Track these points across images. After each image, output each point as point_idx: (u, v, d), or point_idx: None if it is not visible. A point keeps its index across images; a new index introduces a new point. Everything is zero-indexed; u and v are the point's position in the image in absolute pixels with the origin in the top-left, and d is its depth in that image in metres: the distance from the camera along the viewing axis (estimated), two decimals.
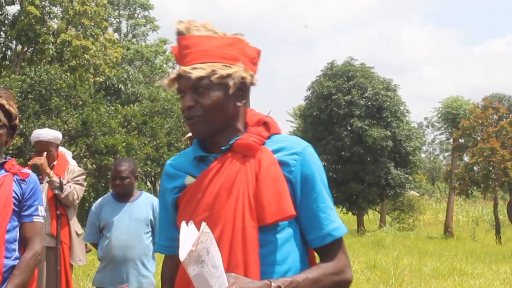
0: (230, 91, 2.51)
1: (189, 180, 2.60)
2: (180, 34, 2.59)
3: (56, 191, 6.88)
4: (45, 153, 6.98)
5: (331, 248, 2.55)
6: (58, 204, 6.97)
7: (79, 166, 7.57)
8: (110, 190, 6.83)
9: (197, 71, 2.48)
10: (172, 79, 2.58)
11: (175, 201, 2.65)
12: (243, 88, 2.58)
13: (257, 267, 2.40)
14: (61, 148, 7.41)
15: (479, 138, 31.03)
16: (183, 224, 2.26)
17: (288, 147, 2.55)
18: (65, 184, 6.95)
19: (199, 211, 2.50)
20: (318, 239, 2.53)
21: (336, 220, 2.56)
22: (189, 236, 2.19)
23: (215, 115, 2.51)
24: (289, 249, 2.49)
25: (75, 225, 7.20)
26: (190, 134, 4.27)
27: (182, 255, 2.14)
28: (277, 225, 2.46)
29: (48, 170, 6.87)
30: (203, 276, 2.16)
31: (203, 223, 2.19)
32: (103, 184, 22.85)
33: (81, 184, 7.17)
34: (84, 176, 7.32)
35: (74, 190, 6.99)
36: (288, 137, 2.64)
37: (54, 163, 7.09)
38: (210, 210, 2.48)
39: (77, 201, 7.09)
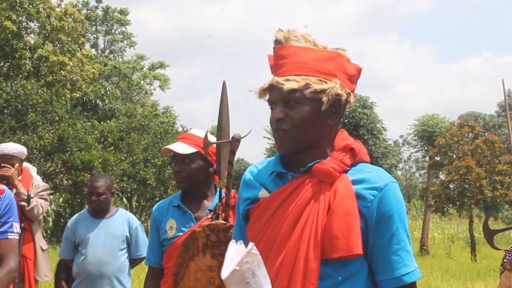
0: (322, 108, 2.40)
1: (262, 194, 2.51)
2: (278, 43, 2.50)
3: (23, 203, 6.82)
4: (16, 165, 6.93)
5: None
6: (23, 218, 6.91)
7: (55, 182, 7.51)
8: (86, 206, 6.79)
9: (290, 83, 2.37)
10: (264, 89, 2.48)
11: (246, 212, 2.56)
12: (337, 106, 2.47)
13: None
14: (25, 164, 7.35)
15: (454, 156, 31.15)
16: (231, 243, 2.19)
17: (370, 180, 2.42)
18: (31, 198, 6.90)
19: (267, 231, 2.42)
20: (387, 282, 2.40)
21: (410, 264, 2.42)
22: (236, 255, 2.11)
23: (304, 131, 2.40)
24: (352, 286, 2.37)
25: (40, 240, 7.14)
26: (169, 146, 4.22)
27: (224, 273, 2.07)
28: (342, 260, 2.34)
29: (16, 182, 6.81)
30: None
31: (251, 243, 2.12)
32: (79, 200, 22.79)
33: (45, 199, 7.11)
34: (48, 192, 7.27)
35: (40, 204, 6.94)
36: (374, 168, 2.52)
37: (19, 178, 7.03)
38: (277, 234, 2.39)
39: (42, 216, 7.04)
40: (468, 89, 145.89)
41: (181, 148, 4.11)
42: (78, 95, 27.88)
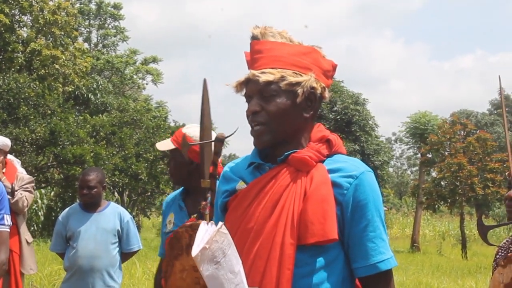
0: (297, 100, 2.43)
1: (240, 185, 2.54)
2: (254, 38, 2.53)
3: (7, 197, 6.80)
4: (0, 158, 6.90)
5: (376, 281, 2.45)
6: None
7: (47, 176, 7.47)
8: (78, 200, 6.77)
9: (265, 75, 2.41)
10: (240, 82, 2.50)
11: (224, 204, 2.59)
12: (312, 99, 2.49)
13: (289, 286, 2.32)
14: (9, 156, 7.32)
15: (446, 153, 31.22)
16: (203, 223, 2.20)
17: (346, 169, 2.45)
18: (16, 191, 6.87)
19: (245, 220, 2.44)
20: (362, 269, 2.42)
21: (385, 252, 2.45)
22: (206, 234, 2.13)
23: (280, 124, 2.43)
24: (327, 274, 2.39)
25: (25, 233, 7.11)
26: (156, 144, 4.21)
27: (195, 251, 2.10)
28: (318, 246, 2.36)
29: (0, 174, 6.80)
30: (218, 278, 2.11)
31: (220, 223, 2.14)
32: (70, 194, 22.72)
33: (30, 192, 7.09)
34: (33, 184, 7.25)
35: (24, 197, 6.92)
36: (350, 159, 2.54)
37: (3, 170, 7.00)
38: (255, 222, 2.41)
39: (26, 208, 7.02)
40: (460, 87, 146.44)
41: (162, 145, 4.13)
42: (70, 89, 27.84)
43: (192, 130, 4.10)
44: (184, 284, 3.61)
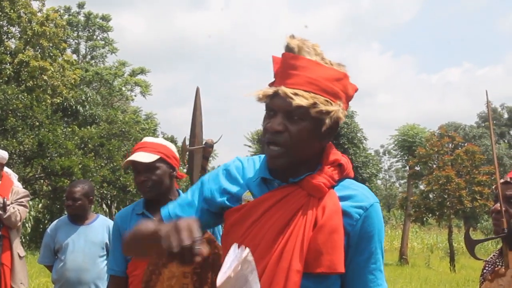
0: (323, 128, 2.37)
1: (247, 196, 2.47)
2: (290, 51, 2.42)
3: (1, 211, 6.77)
4: None
5: None
6: (1, 226, 6.86)
7: (34, 187, 7.43)
8: (66, 212, 6.76)
9: (299, 99, 2.31)
10: (268, 95, 2.40)
11: (224, 206, 2.52)
12: (334, 128, 2.44)
13: None
14: (6, 169, 7.29)
15: (434, 166, 31.28)
16: (233, 247, 2.13)
17: (356, 197, 2.43)
18: (9, 205, 6.84)
19: (249, 236, 2.39)
20: None
21: (382, 284, 2.46)
22: (234, 261, 2.07)
23: (299, 148, 2.36)
24: None
25: (17, 247, 7.09)
26: (130, 158, 4.16)
27: (220, 280, 2.04)
28: (321, 275, 2.34)
29: None
30: None
31: (247, 249, 2.07)
32: (58, 206, 22.68)
33: (24, 206, 7.06)
34: (28, 198, 7.21)
35: (18, 211, 6.88)
36: (359, 186, 2.52)
37: None
38: (259, 240, 2.37)
39: (20, 223, 6.98)
40: (448, 100, 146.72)
41: (144, 157, 4.06)
42: (58, 101, 27.80)
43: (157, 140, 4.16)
44: None
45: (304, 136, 2.36)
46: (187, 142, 3.75)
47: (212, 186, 2.56)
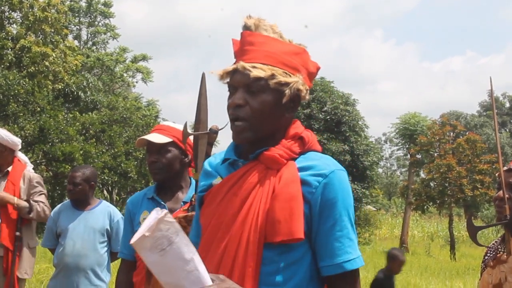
0: (283, 100, 2.42)
1: (217, 181, 2.53)
2: (247, 29, 2.50)
3: (28, 215, 6.80)
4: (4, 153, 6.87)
5: (342, 280, 2.44)
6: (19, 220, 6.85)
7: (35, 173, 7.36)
8: (67, 198, 6.75)
9: (257, 71, 2.37)
10: (227, 72, 2.46)
11: (201, 198, 2.59)
12: (296, 101, 2.49)
13: (254, 284, 2.32)
14: (20, 154, 7.25)
15: (436, 154, 31.32)
16: (155, 210, 2.14)
17: (316, 167, 2.43)
18: (32, 202, 6.82)
19: (215, 215, 2.44)
20: (328, 268, 2.41)
21: (352, 251, 2.43)
22: (152, 222, 2.08)
23: (261, 121, 2.41)
24: (294, 272, 2.38)
25: (29, 237, 7.07)
26: (144, 137, 4.17)
27: (134, 238, 2.07)
28: (285, 245, 2.35)
29: (10, 199, 6.72)
30: (165, 265, 2.08)
31: (165, 210, 2.07)
32: (59, 192, 22.67)
33: (44, 194, 7.05)
34: (42, 182, 7.18)
35: (42, 206, 6.87)
36: (323, 157, 2.52)
37: (9, 169, 6.94)
38: (223, 218, 2.41)
39: (49, 212, 6.94)
40: (450, 88, 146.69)
41: (157, 138, 4.08)
42: (60, 87, 27.76)
43: (176, 125, 4.14)
44: None
45: (265, 108, 2.41)
46: (188, 128, 3.72)
47: (200, 188, 2.65)
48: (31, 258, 7.08)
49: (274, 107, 2.42)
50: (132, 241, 2.08)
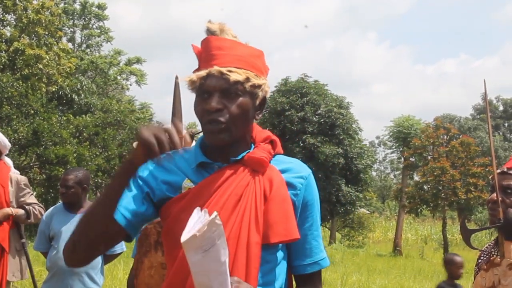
0: (256, 102, 2.48)
1: (187, 183, 2.49)
2: (212, 34, 2.52)
3: (27, 221, 6.83)
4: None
5: (313, 278, 2.54)
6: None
7: (29, 176, 7.41)
8: (60, 201, 6.74)
9: (235, 75, 2.39)
10: (201, 77, 2.44)
11: (164, 198, 2.51)
12: (263, 103, 2.55)
13: (256, 284, 2.35)
14: (4, 157, 7.25)
15: (429, 157, 31.37)
16: (195, 210, 2.16)
17: (295, 169, 2.53)
18: (27, 206, 6.85)
19: None
20: (304, 266, 2.51)
21: (323, 250, 2.57)
22: (198, 222, 2.10)
23: (239, 124, 2.43)
24: (280, 270, 2.47)
25: (15, 240, 7.07)
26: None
27: (184, 237, 2.07)
28: (276, 245, 2.43)
29: (8, 212, 6.75)
30: (203, 266, 2.10)
31: (215, 212, 2.09)
32: (52, 195, 22.62)
33: (33, 194, 7.09)
34: (28, 183, 7.21)
35: (38, 207, 6.91)
36: (293, 159, 2.61)
37: None
38: None
39: (44, 212, 6.97)
40: (443, 91, 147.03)
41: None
42: (54, 89, 27.70)
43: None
44: (152, 281, 3.61)
45: (243, 111, 2.44)
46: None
47: (149, 178, 2.55)
48: (17, 261, 7.08)
49: (250, 109, 2.46)
50: (183, 239, 2.07)
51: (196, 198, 2.44)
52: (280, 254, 2.46)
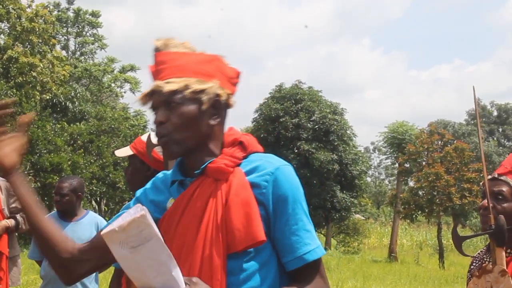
0: (203, 107, 2.42)
1: (170, 203, 2.51)
2: (157, 50, 2.52)
3: (19, 230, 6.84)
4: None
5: (306, 272, 2.45)
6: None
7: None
8: (55, 209, 6.75)
9: (169, 85, 2.38)
10: (146, 94, 2.47)
11: (155, 219, 2.45)
12: (218, 106, 2.48)
13: None
14: None
15: (424, 163, 31.37)
16: (136, 205, 2.16)
17: (261, 167, 2.45)
18: (18, 214, 6.85)
19: (175, 238, 2.42)
20: (291, 263, 2.43)
21: (310, 242, 2.44)
22: (128, 218, 2.09)
23: (186, 133, 2.42)
24: (264, 275, 2.40)
25: (4, 247, 7.08)
26: (116, 151, 4.18)
27: (105, 230, 2.09)
28: (250, 251, 2.37)
29: (5, 224, 6.75)
30: (133, 261, 2.10)
31: (143, 210, 2.09)
32: (47, 203, 22.60)
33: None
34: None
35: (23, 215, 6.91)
36: (265, 156, 2.53)
37: None
38: (184, 238, 2.41)
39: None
40: (437, 97, 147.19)
41: (121, 152, 4.11)
42: (48, 97, 27.71)
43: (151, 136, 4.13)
44: None
45: (186, 120, 2.42)
46: (153, 138, 3.73)
47: (142, 198, 2.62)
48: (11, 267, 7.08)
49: (195, 116, 2.42)
50: (103, 232, 2.09)
51: (172, 218, 2.47)
52: (261, 258, 2.40)
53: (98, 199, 29.18)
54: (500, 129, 76.04)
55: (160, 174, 2.67)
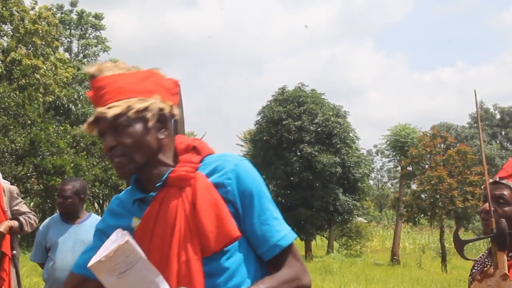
0: (149, 124, 2.45)
1: (135, 222, 2.53)
2: (93, 77, 2.54)
3: (21, 232, 6.85)
4: None
5: (282, 257, 2.51)
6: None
7: (26, 186, 7.40)
8: (57, 211, 6.75)
9: (112, 110, 2.41)
10: (91, 123, 2.51)
11: None
12: (163, 120, 2.52)
13: None
14: None
15: (427, 166, 31.34)
16: (116, 231, 2.22)
17: (220, 167, 2.50)
18: (20, 217, 6.86)
19: (152, 253, 2.42)
20: (267, 252, 2.49)
21: (281, 229, 2.51)
22: (111, 245, 2.14)
23: (137, 151, 2.45)
24: (247, 270, 2.46)
25: (6, 248, 7.09)
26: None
27: (91, 261, 2.11)
28: (228, 249, 2.42)
29: (8, 225, 6.75)
30: (123, 284, 2.14)
31: (126, 236, 2.15)
32: (49, 205, 22.63)
33: (24, 203, 7.10)
34: (19, 192, 7.24)
35: (31, 215, 6.93)
36: (219, 156, 2.59)
37: None
38: (160, 252, 2.43)
39: (37, 219, 7.03)
40: (440, 99, 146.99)
41: None
42: (51, 99, 27.73)
43: None
44: None
45: (136, 139, 2.44)
46: None
47: (103, 227, 2.67)
48: (11, 269, 7.08)
49: (143, 134, 2.45)
50: (89, 264, 2.12)
51: (143, 235, 2.49)
52: (239, 255, 2.46)
53: (100, 202, 29.21)
54: (503, 132, 75.94)
55: (113, 200, 2.71)
